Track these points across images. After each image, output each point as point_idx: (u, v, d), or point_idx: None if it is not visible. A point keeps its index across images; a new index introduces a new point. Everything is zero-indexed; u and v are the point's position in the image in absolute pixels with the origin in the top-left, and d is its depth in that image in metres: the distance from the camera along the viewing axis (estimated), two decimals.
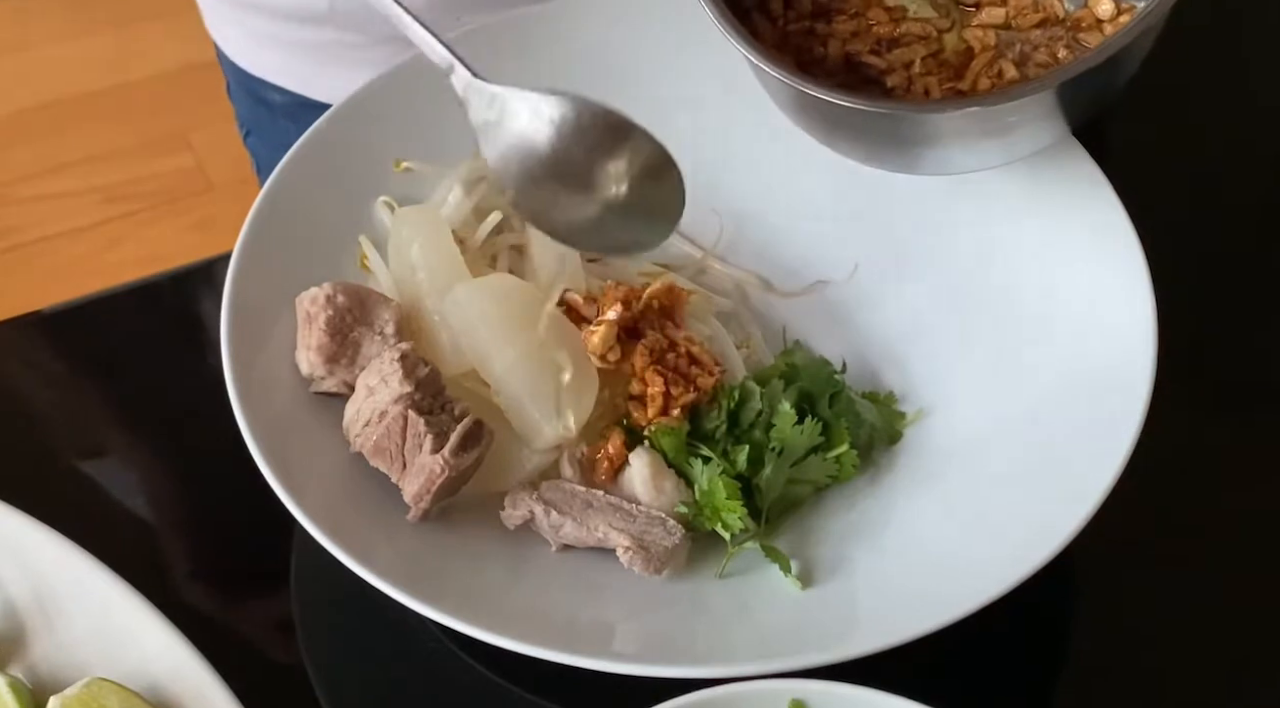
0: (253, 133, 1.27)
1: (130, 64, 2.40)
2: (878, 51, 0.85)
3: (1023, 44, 0.83)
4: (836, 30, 0.85)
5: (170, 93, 2.36)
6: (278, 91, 1.19)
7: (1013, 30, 0.84)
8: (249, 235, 0.85)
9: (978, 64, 0.83)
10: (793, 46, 0.85)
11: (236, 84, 1.24)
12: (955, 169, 0.85)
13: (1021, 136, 0.81)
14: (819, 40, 0.86)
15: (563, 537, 0.79)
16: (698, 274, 0.92)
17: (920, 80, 0.83)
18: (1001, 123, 0.79)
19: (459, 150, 0.92)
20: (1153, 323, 0.81)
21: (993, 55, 0.83)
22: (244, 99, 1.24)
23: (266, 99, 1.20)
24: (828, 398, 0.83)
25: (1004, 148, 0.83)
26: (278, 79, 1.18)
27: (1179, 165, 1.03)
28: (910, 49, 0.84)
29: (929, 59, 0.84)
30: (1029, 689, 0.80)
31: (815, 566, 0.79)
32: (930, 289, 0.90)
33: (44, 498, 0.79)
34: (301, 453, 0.79)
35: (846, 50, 0.85)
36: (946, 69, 0.84)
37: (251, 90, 1.22)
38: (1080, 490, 0.76)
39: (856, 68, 0.85)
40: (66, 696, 0.70)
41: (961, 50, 0.84)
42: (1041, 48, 0.83)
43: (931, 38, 0.85)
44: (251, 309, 0.83)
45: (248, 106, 1.25)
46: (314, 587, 0.83)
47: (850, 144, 0.85)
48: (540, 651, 0.72)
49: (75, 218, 2.25)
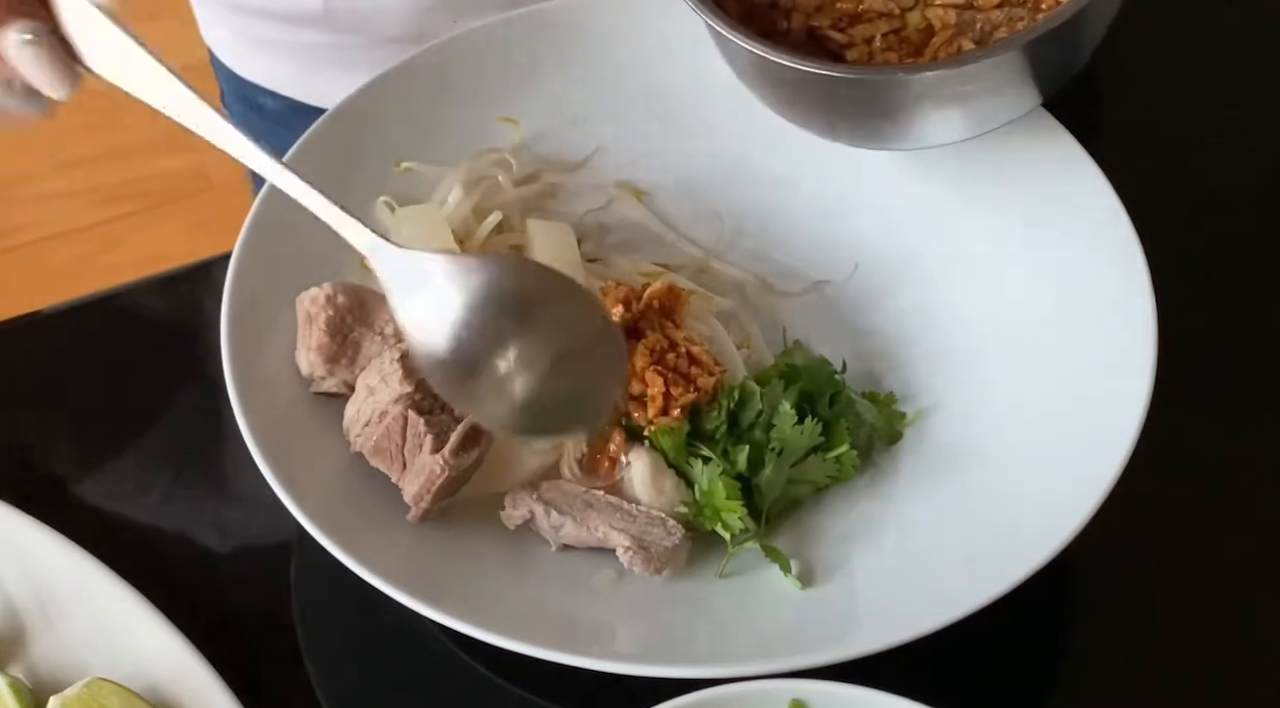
0: None
1: None
2: (840, 27, 0.85)
3: (983, 23, 0.83)
4: (800, 4, 0.86)
5: None
6: (271, 97, 1.18)
7: (974, 10, 0.84)
8: (249, 235, 0.85)
9: (938, 41, 0.84)
10: (756, 20, 0.85)
11: (230, 90, 1.23)
12: (921, 141, 0.85)
13: (988, 105, 0.82)
14: (782, 14, 0.86)
15: (563, 537, 0.79)
16: (698, 274, 0.92)
17: (881, 55, 0.84)
18: (966, 88, 0.80)
19: (459, 150, 0.92)
20: (1153, 323, 0.81)
21: (953, 33, 0.83)
22: (237, 106, 1.23)
23: (260, 105, 1.19)
24: (828, 398, 0.82)
25: (970, 118, 0.83)
26: (271, 84, 1.17)
27: (1179, 165, 1.03)
28: (872, 24, 0.85)
29: (890, 36, 0.85)
30: (1029, 689, 0.80)
31: (815, 566, 0.79)
32: (930, 289, 0.90)
33: (44, 498, 0.80)
34: (301, 453, 0.79)
35: (809, 24, 0.85)
36: (907, 46, 0.85)
37: (244, 96, 1.21)
38: (1080, 491, 0.76)
39: (818, 41, 0.86)
40: (66, 696, 0.70)
41: (923, 28, 0.85)
42: (1002, 27, 0.83)
43: (894, 15, 0.86)
44: (251, 309, 0.83)
45: (241, 113, 1.23)
46: (314, 587, 0.83)
47: (812, 114, 0.85)
48: (540, 651, 0.72)
49: (75, 218, 2.24)
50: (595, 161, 0.95)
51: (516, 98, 0.95)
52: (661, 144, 0.95)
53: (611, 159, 0.95)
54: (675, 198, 0.95)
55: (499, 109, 0.94)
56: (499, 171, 0.92)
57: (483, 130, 0.94)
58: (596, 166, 0.95)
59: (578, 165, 0.95)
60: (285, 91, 1.17)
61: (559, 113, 0.95)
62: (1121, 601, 0.82)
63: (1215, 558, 0.84)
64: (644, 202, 0.95)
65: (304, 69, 1.14)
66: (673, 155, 0.95)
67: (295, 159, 0.88)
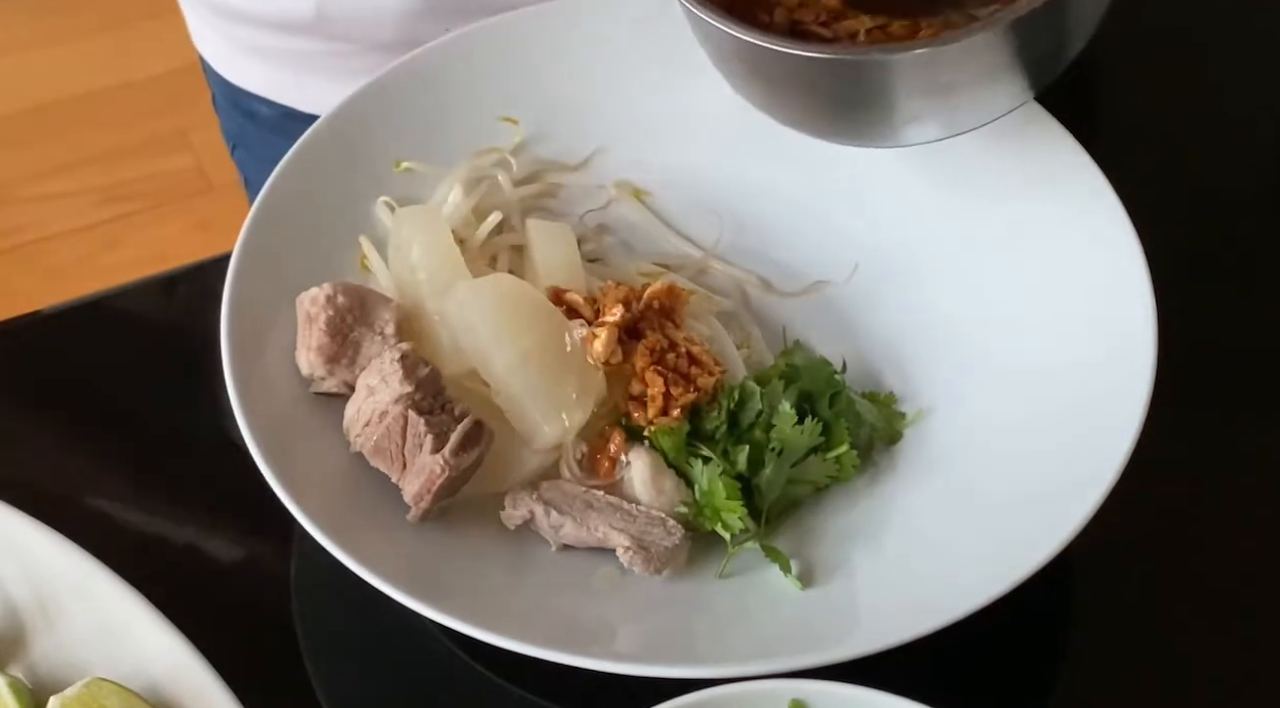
0: (239, 146, 1.25)
1: (130, 64, 2.39)
2: (823, 22, 0.84)
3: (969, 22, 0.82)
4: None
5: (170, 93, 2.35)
6: (264, 104, 1.17)
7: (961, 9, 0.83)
8: (249, 235, 0.85)
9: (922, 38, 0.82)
10: (738, 13, 0.84)
11: (222, 97, 1.22)
12: (908, 135, 0.83)
13: (974, 97, 0.80)
14: (765, 8, 0.85)
15: (563, 537, 0.79)
16: (698, 274, 0.92)
17: None
18: (948, 75, 0.78)
19: (459, 150, 0.92)
20: (1153, 323, 0.81)
21: (939, 28, 0.82)
22: (230, 112, 1.22)
23: (253, 112, 1.19)
24: (828, 398, 0.82)
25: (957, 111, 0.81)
26: (263, 91, 1.17)
27: (1179, 165, 1.03)
28: (856, 20, 0.84)
29: (875, 31, 0.84)
30: (1029, 689, 0.80)
31: (815, 566, 0.79)
32: (930, 290, 0.90)
33: (44, 498, 0.79)
34: (301, 453, 0.79)
35: (793, 18, 0.84)
36: (892, 41, 0.83)
37: (237, 103, 1.20)
38: (1080, 491, 0.76)
39: (802, 36, 0.84)
40: (66, 696, 0.70)
41: (907, 25, 0.83)
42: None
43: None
44: (251, 309, 0.83)
45: (234, 120, 1.22)
46: (314, 587, 0.83)
47: (791, 105, 0.84)
48: (540, 651, 0.72)
49: (75, 218, 2.25)
50: (595, 161, 0.95)
51: (516, 98, 0.95)
52: (661, 144, 0.95)
53: (611, 159, 0.95)
54: (675, 198, 0.95)
55: (499, 109, 0.94)
56: (499, 171, 0.92)
57: (483, 130, 0.94)
58: (596, 167, 0.95)
59: (578, 165, 0.95)
60: (278, 98, 1.16)
61: (559, 113, 0.95)
62: (1121, 601, 0.82)
63: (1215, 558, 0.84)
64: (644, 202, 0.95)
65: (295, 76, 1.13)
66: (673, 155, 0.95)
67: (295, 160, 0.88)
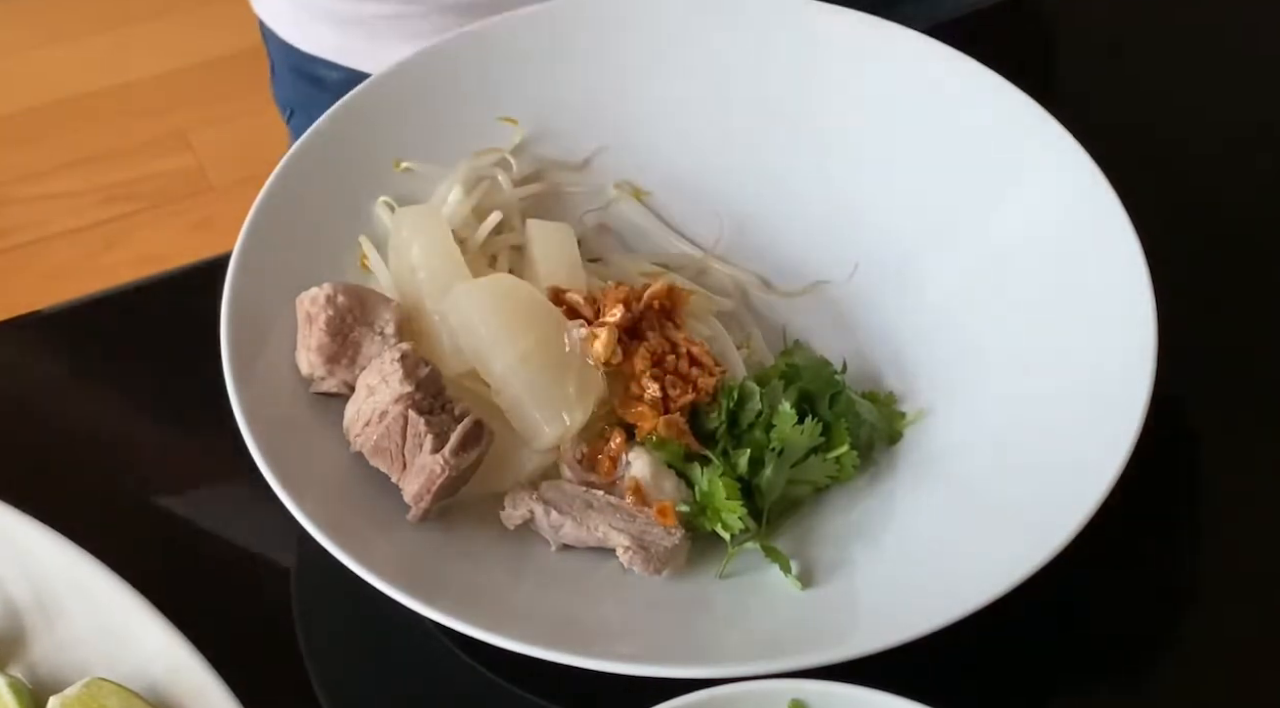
0: (298, 112, 1.25)
1: (130, 64, 2.40)
2: None
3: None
4: None
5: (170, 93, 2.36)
6: (332, 68, 1.17)
7: None
8: (249, 235, 0.85)
9: None
10: None
11: (282, 63, 1.22)
12: None
13: None
14: None
15: (563, 537, 0.79)
16: (698, 274, 0.92)
17: None
18: None
19: (459, 150, 0.92)
20: (1153, 324, 0.81)
21: None
22: (291, 78, 1.22)
23: (318, 77, 1.18)
24: (828, 398, 0.82)
25: None
26: (331, 55, 1.17)
27: (1178, 165, 1.03)
28: None
29: None
30: (1030, 689, 0.80)
31: (815, 566, 0.79)
32: (930, 289, 0.90)
33: (44, 498, 0.79)
34: (301, 453, 0.79)
35: None
36: None
37: (300, 68, 1.20)
38: (1080, 490, 0.76)
39: None
40: (66, 696, 0.70)
41: None
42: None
43: None
44: (251, 309, 0.83)
45: (295, 86, 1.22)
46: (314, 587, 0.83)
47: None
48: (540, 651, 0.72)
49: (75, 218, 2.25)
50: (595, 161, 0.95)
51: (516, 98, 0.95)
52: (662, 144, 0.95)
53: (611, 159, 0.95)
54: (675, 198, 0.95)
55: (499, 109, 0.94)
56: (499, 171, 0.92)
57: (483, 130, 0.94)
58: (596, 167, 0.95)
59: (578, 165, 0.95)
60: (345, 62, 1.16)
61: (559, 113, 0.95)
62: (1122, 599, 0.82)
63: (1215, 558, 0.84)
64: (644, 202, 0.95)
65: (363, 40, 1.13)
66: (673, 155, 0.95)
67: (295, 160, 0.88)
